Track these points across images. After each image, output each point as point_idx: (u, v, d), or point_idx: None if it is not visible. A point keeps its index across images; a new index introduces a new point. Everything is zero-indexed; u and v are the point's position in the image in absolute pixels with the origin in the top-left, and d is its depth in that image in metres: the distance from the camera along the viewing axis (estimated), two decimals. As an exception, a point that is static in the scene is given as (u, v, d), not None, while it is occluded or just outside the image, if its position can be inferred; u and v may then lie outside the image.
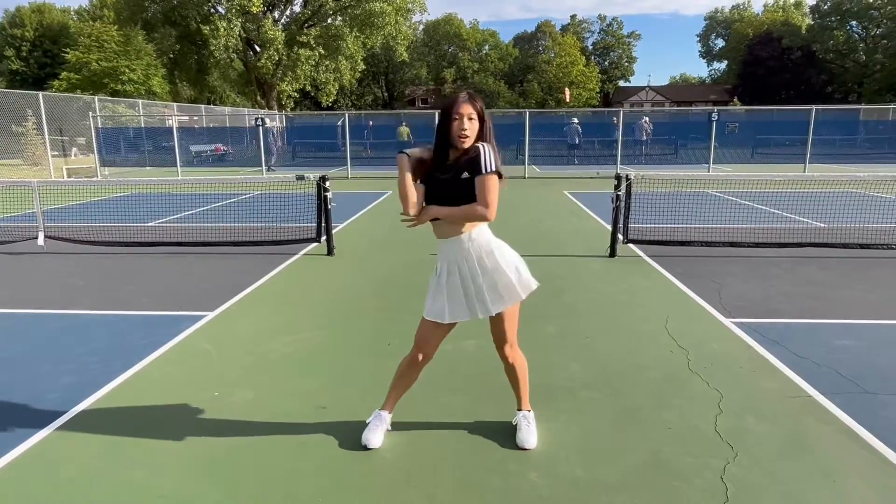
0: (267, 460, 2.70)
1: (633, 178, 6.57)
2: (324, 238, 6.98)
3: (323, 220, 6.88)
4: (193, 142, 24.22)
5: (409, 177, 2.52)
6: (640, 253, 6.77)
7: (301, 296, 5.38)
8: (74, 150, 18.77)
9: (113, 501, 2.42)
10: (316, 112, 43.61)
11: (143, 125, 24.39)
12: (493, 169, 2.48)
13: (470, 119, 2.46)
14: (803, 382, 3.41)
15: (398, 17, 39.45)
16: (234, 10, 35.50)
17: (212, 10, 37.66)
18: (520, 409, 2.92)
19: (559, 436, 2.88)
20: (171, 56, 38.59)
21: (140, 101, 26.63)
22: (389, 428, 2.89)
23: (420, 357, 2.75)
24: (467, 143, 2.48)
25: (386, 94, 69.20)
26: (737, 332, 4.26)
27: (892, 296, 5.13)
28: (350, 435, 2.89)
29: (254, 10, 35.69)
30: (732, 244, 6.70)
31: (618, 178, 6.55)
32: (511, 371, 2.86)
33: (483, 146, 2.49)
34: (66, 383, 3.51)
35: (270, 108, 40.07)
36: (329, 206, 6.78)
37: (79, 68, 31.60)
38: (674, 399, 3.25)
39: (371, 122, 29.09)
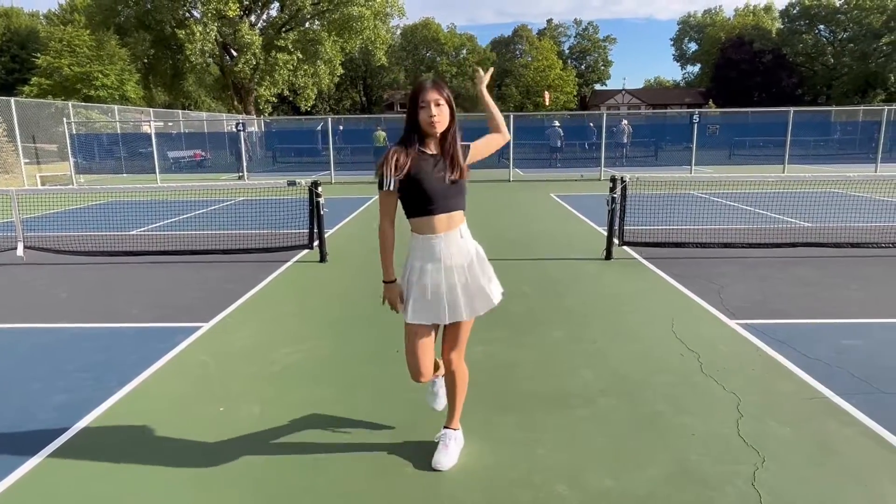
0: (282, 479, 2.58)
1: (628, 180, 6.56)
2: (315, 243, 6.83)
3: (315, 227, 6.73)
4: (171, 148, 23.77)
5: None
6: (636, 255, 6.76)
7: (298, 304, 5.24)
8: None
9: (122, 529, 2.28)
10: (295, 117, 43.18)
11: (118, 131, 23.84)
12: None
13: (438, 105, 2.37)
14: (817, 384, 3.39)
15: (377, 22, 39.33)
16: (209, 15, 35.02)
17: (187, 15, 37.11)
18: (447, 427, 2.75)
19: (583, 445, 2.81)
20: (146, 61, 37.96)
21: (116, 106, 26.04)
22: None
23: (422, 370, 2.57)
24: (438, 129, 2.39)
25: (364, 99, 68.88)
26: (743, 333, 4.25)
27: (888, 294, 5.17)
28: (365, 451, 2.79)
29: (230, 14, 35.25)
30: (726, 245, 6.73)
31: (613, 180, 6.54)
32: (451, 380, 2.70)
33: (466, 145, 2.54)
34: (59, 402, 3.34)
35: (248, 112, 39.58)
36: (322, 212, 6.64)
37: (50, 73, 30.87)
38: (692, 404, 3.20)
39: (341, 127, 28.73)
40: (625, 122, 23.24)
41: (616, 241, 6.72)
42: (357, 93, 68.48)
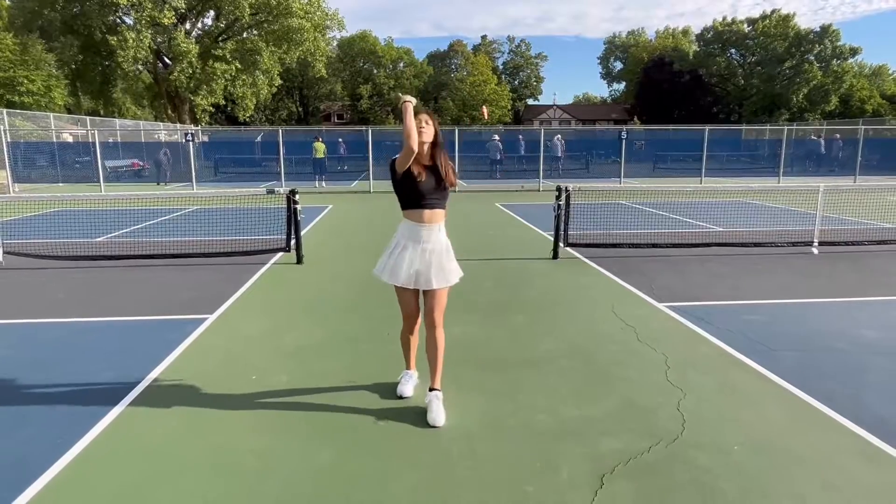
0: (328, 417, 3.27)
1: (571, 189, 7.54)
2: (293, 242, 7.40)
3: (293, 231, 7.32)
4: (108, 157, 23.29)
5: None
6: (578, 255, 7.74)
7: (289, 299, 5.85)
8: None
9: (210, 458, 2.90)
10: (234, 127, 42.67)
11: (55, 140, 23.14)
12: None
13: (427, 123, 3.24)
14: (725, 346, 4.38)
15: (316, 34, 39.64)
16: (143, 22, 34.32)
17: (118, 21, 36.16)
18: (432, 389, 3.36)
19: (553, 391, 3.64)
20: (74, 67, 36.61)
21: (52, 114, 25.20)
22: (417, 381, 3.63)
23: (412, 320, 3.45)
24: (424, 137, 3.21)
25: (301, 110, 68.54)
26: (669, 313, 5.23)
27: (780, 282, 6.35)
28: (385, 402, 3.51)
29: (165, 21, 34.67)
30: (654, 245, 7.83)
31: (559, 189, 7.50)
32: (433, 341, 3.34)
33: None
34: (107, 377, 3.86)
35: (182, 122, 38.86)
36: (299, 218, 7.24)
37: (-32, 78, 29.44)
38: (632, 362, 4.11)
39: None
40: (558, 136, 24.78)
41: (561, 242, 7.68)
42: (293, 103, 68.09)
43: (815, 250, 7.85)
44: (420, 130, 3.18)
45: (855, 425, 3.19)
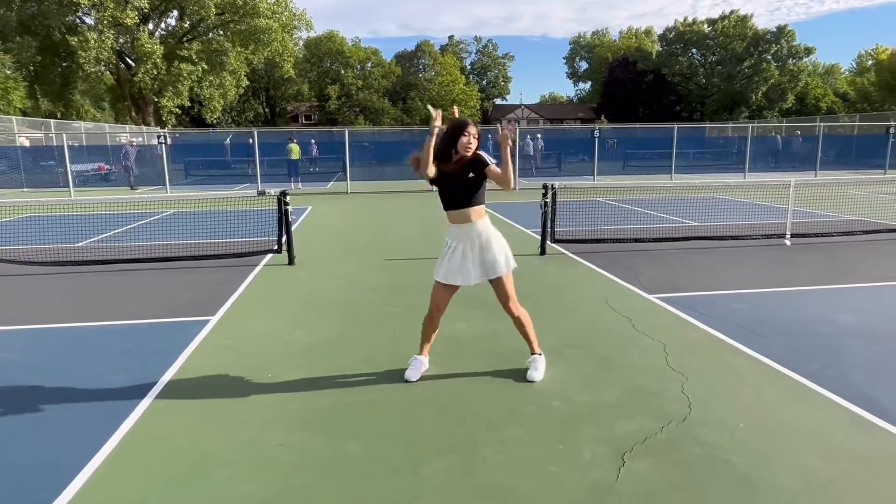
0: (350, 410, 3.36)
1: (558, 187, 7.75)
2: (284, 239, 7.41)
3: (284, 232, 7.35)
4: (72, 161, 22.67)
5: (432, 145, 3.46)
6: (565, 251, 7.96)
7: (288, 299, 5.90)
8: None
9: (241, 453, 2.98)
10: (203, 129, 41.91)
11: (17, 144, 22.46)
12: (495, 161, 3.61)
13: (475, 137, 3.53)
14: (717, 332, 4.63)
15: (284, 34, 39.28)
16: (105, 22, 33.51)
17: (78, 21, 35.19)
18: (532, 353, 3.93)
19: (563, 378, 3.82)
20: (31, 68, 35.48)
21: (15, 118, 24.43)
22: (427, 368, 3.86)
23: (436, 312, 3.77)
24: (470, 152, 3.53)
25: (268, 111, 67.70)
26: (660, 303, 5.47)
27: (759, 272, 6.67)
28: (406, 392, 3.63)
29: (128, 21, 33.90)
30: (637, 240, 8.11)
31: (545, 187, 7.70)
32: (518, 323, 3.87)
33: (481, 152, 3.63)
34: (122, 378, 3.88)
35: (147, 124, 38.06)
36: (290, 219, 7.28)
37: (-81, 81, 28.29)
38: (632, 350, 4.31)
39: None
40: (539, 135, 25.32)
41: (548, 239, 7.88)
42: (260, 104, 67.20)
43: (787, 242, 8.23)
44: (469, 148, 3.48)
45: (843, 400, 3.44)
